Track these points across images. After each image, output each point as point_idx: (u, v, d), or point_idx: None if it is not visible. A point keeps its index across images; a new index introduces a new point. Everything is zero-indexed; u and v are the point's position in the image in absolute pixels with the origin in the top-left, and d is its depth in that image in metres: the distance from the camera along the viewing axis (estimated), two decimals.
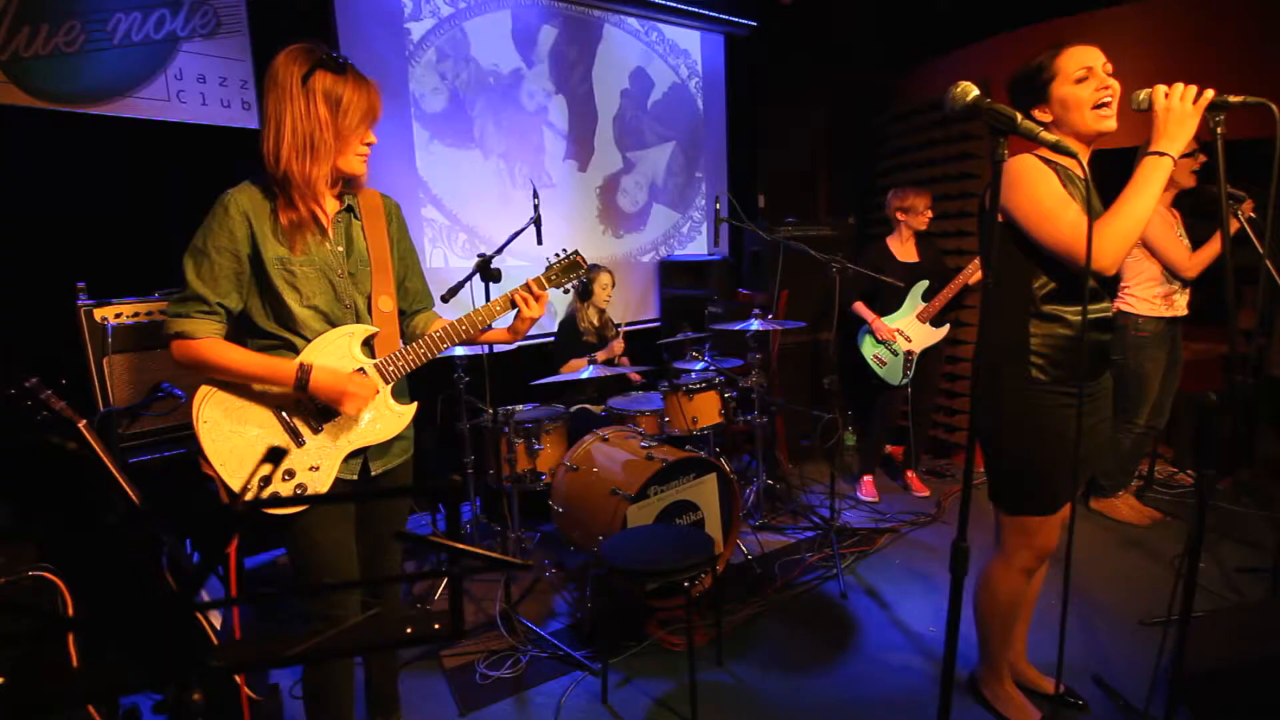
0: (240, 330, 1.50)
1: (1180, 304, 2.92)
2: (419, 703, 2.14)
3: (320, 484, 1.46)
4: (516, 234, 2.55)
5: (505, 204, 3.83)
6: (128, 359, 2.42)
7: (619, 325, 3.65)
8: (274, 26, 3.07)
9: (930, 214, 3.42)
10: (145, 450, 2.38)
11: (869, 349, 3.48)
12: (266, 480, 1.41)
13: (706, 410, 3.02)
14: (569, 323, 3.50)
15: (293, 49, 1.44)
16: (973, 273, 3.28)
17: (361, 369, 1.51)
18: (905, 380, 3.47)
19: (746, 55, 4.77)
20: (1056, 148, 1.07)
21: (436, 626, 0.64)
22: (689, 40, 4.54)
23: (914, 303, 3.45)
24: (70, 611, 1.42)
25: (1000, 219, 1.57)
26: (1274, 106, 1.38)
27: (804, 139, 4.97)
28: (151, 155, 2.85)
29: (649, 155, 4.43)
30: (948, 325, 3.50)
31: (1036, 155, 1.61)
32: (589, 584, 2.52)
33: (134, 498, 1.69)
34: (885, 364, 3.47)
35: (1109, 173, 1.84)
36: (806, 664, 2.27)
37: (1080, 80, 1.55)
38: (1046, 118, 1.60)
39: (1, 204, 2.55)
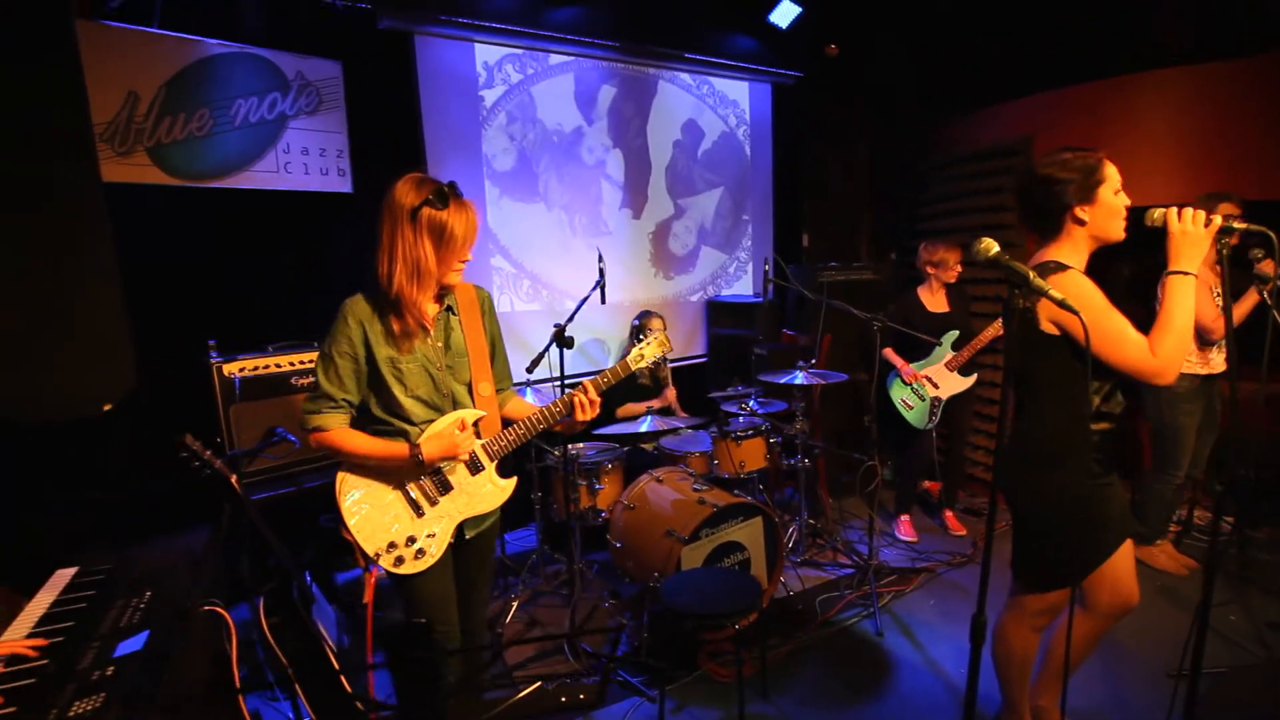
0: (360, 418, 1.79)
1: (1217, 361, 3.03)
2: None
3: (436, 548, 1.75)
4: (583, 301, 2.84)
5: (566, 251, 4.13)
6: (246, 407, 2.79)
7: (667, 358, 3.90)
8: (366, 100, 3.43)
9: (960, 268, 3.59)
10: (261, 489, 2.73)
11: (897, 392, 3.66)
12: (393, 545, 1.72)
13: (753, 455, 3.26)
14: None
15: (408, 181, 1.69)
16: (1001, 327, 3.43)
17: (471, 449, 1.78)
18: (930, 425, 3.64)
19: (792, 103, 4.99)
20: (1062, 305, 1.27)
21: (582, 697, 0.89)
22: (738, 91, 4.79)
23: (943, 351, 3.62)
24: (235, 645, 1.73)
25: (1057, 333, 1.70)
26: (1273, 235, 1.56)
27: (847, 182, 5.16)
28: (262, 221, 3.22)
29: (699, 201, 4.69)
30: (975, 375, 3.65)
31: (1073, 268, 1.72)
32: (645, 616, 2.77)
33: (274, 543, 2.01)
34: (912, 408, 3.64)
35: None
36: (845, 700, 2.48)
37: (1117, 192, 1.71)
38: (1086, 215, 1.72)
39: (141, 269, 2.93)
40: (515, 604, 3.06)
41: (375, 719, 1.76)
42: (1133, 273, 3.52)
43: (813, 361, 3.52)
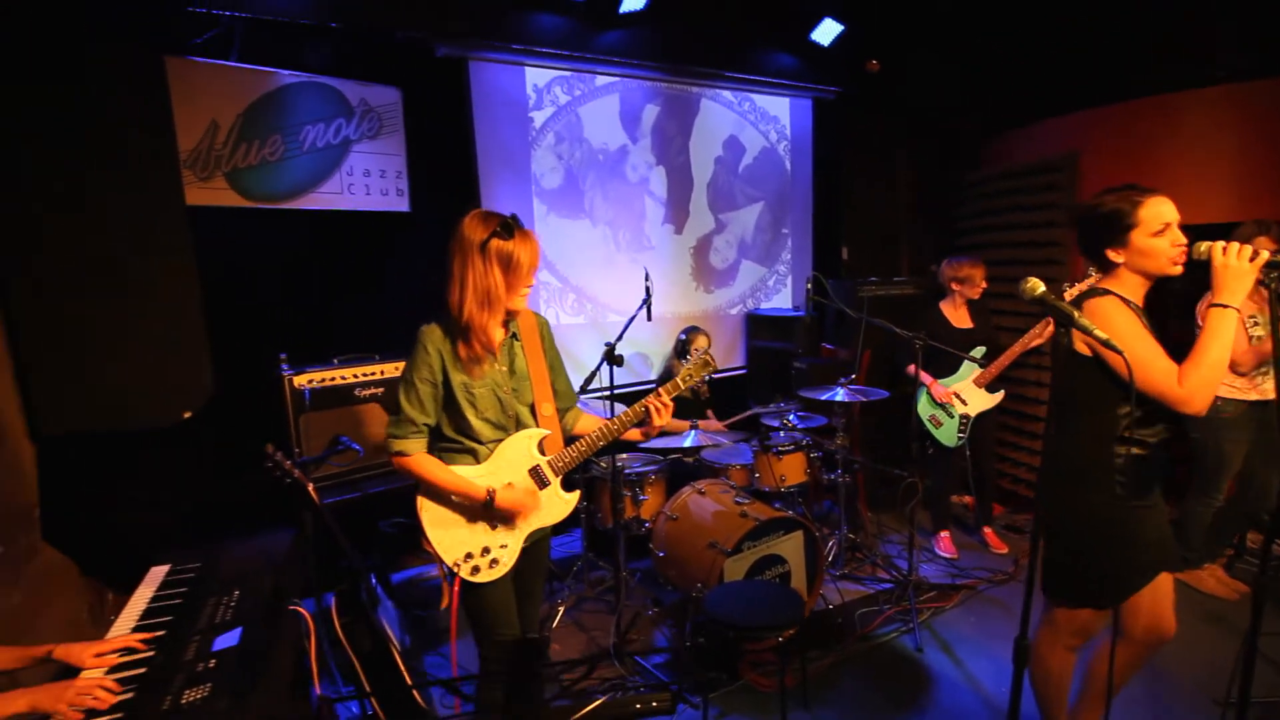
0: (430, 436, 1.91)
1: (1266, 387, 2.99)
2: None
3: (509, 558, 1.88)
4: (631, 319, 2.95)
5: (610, 266, 4.25)
6: (314, 416, 2.95)
7: (707, 377, 3.98)
8: (423, 123, 3.60)
9: (985, 284, 3.60)
10: (326, 494, 2.89)
11: (925, 409, 3.67)
12: (470, 555, 1.84)
13: (793, 470, 3.32)
14: (667, 379, 3.86)
15: (474, 216, 1.81)
16: (1034, 338, 3.37)
17: (537, 466, 1.92)
18: (960, 442, 3.64)
19: (833, 118, 5.04)
20: (1107, 344, 1.32)
21: (655, 705, 0.99)
22: (778, 107, 4.86)
23: (970, 367, 3.62)
24: (314, 644, 1.87)
25: (1089, 354, 1.75)
26: None
27: (887, 196, 5.18)
28: (326, 239, 3.40)
29: (739, 215, 4.77)
30: (1003, 391, 3.65)
31: (1115, 294, 1.78)
32: (688, 625, 2.86)
33: (344, 545, 2.16)
34: (940, 425, 3.65)
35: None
36: (885, 713, 2.53)
37: (1158, 234, 1.73)
38: (1119, 258, 1.78)
39: (216, 286, 3.12)
40: (561, 609, 3.17)
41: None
42: (1183, 288, 3.48)
43: (853, 377, 3.57)
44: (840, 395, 3.32)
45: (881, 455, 4.19)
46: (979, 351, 3.59)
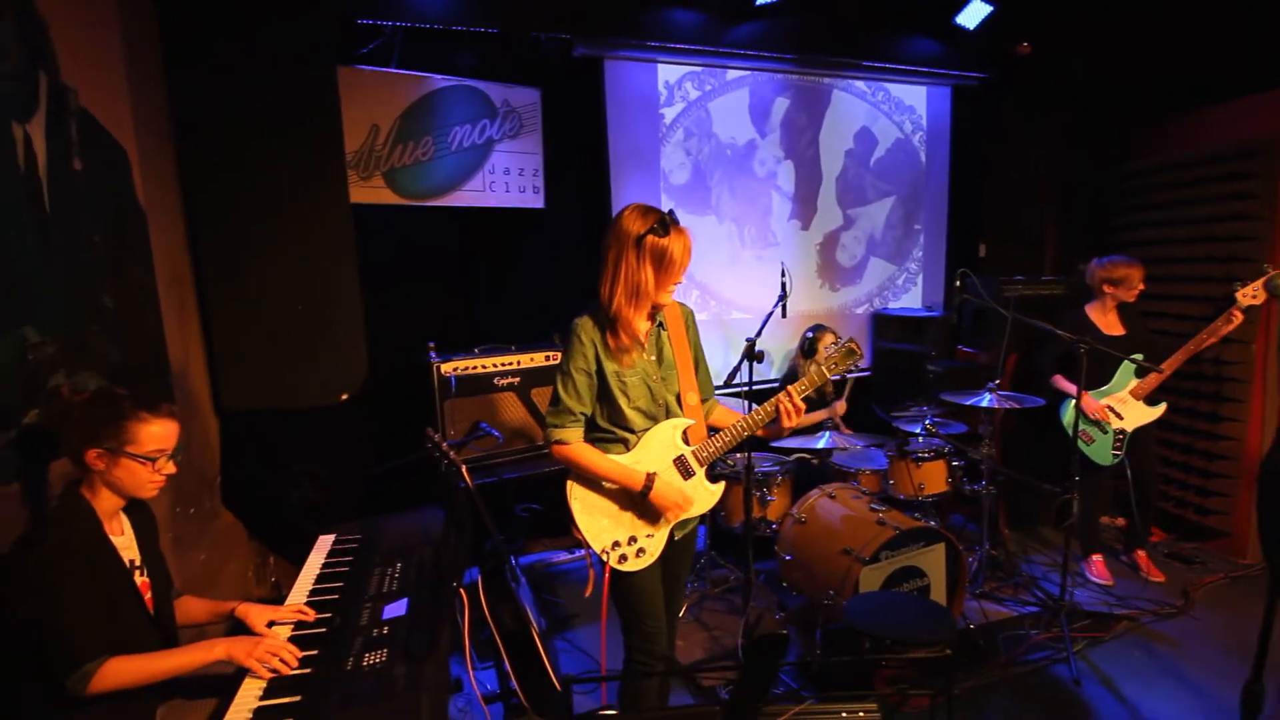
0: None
1: None
2: None
3: (655, 548, 1.89)
4: (768, 316, 2.89)
5: (734, 262, 4.20)
6: (457, 402, 3.10)
7: (836, 377, 3.84)
8: (559, 122, 3.69)
9: (1143, 286, 3.24)
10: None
11: (1073, 424, 3.31)
12: (617, 544, 1.86)
13: (934, 478, 3.14)
14: (791, 378, 3.76)
15: (633, 210, 1.81)
16: (1202, 342, 3.03)
17: (682, 455, 1.91)
18: (1115, 460, 3.28)
19: (974, 106, 4.72)
20: None
21: (862, 715, 0.95)
22: (915, 96, 4.62)
23: (1126, 377, 3.25)
24: (467, 619, 1.95)
25: None
26: None
27: (1033, 189, 4.79)
28: (468, 234, 3.58)
29: (869, 210, 4.58)
30: (1164, 404, 3.26)
31: None
32: (818, 632, 2.76)
33: (491, 527, 2.24)
34: (1093, 442, 3.30)
35: None
36: None
37: None
38: None
39: (371, 277, 3.34)
40: (685, 605, 3.16)
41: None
42: None
43: (998, 381, 3.32)
44: (987, 401, 3.10)
45: (1023, 467, 3.89)
46: (1135, 359, 3.24)
